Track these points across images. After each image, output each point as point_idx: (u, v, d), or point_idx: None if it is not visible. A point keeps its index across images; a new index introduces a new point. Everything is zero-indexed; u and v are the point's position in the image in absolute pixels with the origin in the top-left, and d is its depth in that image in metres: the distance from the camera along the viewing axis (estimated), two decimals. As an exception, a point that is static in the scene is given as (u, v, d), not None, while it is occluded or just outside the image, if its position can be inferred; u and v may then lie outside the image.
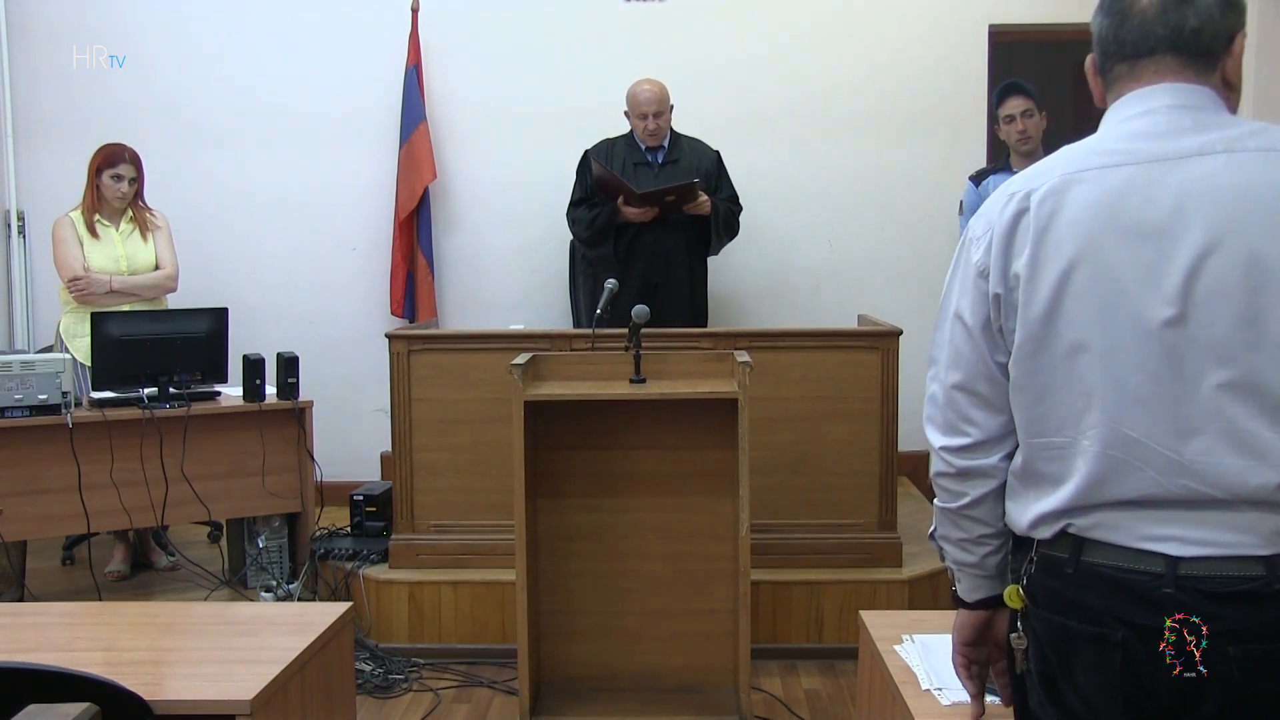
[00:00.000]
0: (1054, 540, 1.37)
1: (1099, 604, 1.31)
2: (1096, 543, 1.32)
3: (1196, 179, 1.29)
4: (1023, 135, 3.95)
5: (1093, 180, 1.34)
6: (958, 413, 1.46)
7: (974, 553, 1.52)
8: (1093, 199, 1.33)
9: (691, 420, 3.24)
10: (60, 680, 1.54)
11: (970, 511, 1.49)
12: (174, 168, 4.94)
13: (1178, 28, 1.35)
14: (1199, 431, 1.27)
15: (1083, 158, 1.37)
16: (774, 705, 3.32)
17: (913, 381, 4.49)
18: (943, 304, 1.51)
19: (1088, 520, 1.33)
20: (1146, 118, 1.36)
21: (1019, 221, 1.37)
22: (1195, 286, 1.27)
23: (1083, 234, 1.32)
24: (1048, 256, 1.34)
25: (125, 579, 4.23)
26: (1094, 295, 1.31)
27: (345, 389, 5.02)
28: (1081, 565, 1.33)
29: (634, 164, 4.39)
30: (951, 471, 1.48)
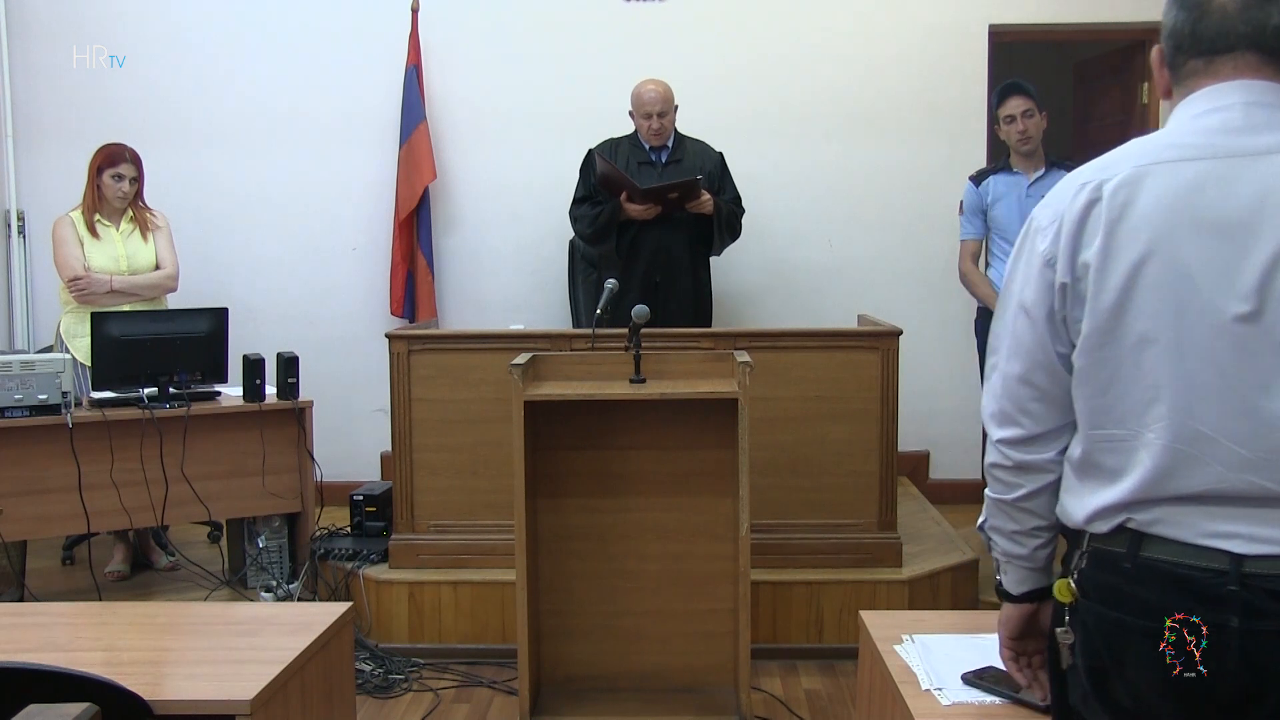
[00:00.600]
0: (1111, 534, 1.35)
1: (1157, 599, 1.29)
2: (1157, 538, 1.31)
3: (1276, 175, 1.28)
4: (1023, 135, 3.95)
5: (1167, 173, 1.32)
6: (1016, 404, 1.45)
7: (1025, 545, 1.51)
8: (1167, 191, 1.31)
9: (691, 420, 3.24)
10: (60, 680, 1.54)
11: (1025, 504, 1.48)
12: (174, 168, 4.94)
13: (1260, 25, 1.34)
14: (1269, 428, 1.26)
15: (1157, 150, 1.36)
16: (774, 705, 3.32)
17: (913, 381, 4.51)
18: (1003, 293, 1.49)
19: (1149, 515, 1.32)
20: (1222, 113, 1.35)
21: (1090, 211, 1.35)
22: (1272, 283, 1.26)
23: (1156, 226, 1.31)
24: (1120, 247, 1.33)
25: (125, 579, 4.23)
26: (1166, 288, 1.30)
27: (345, 389, 5.02)
28: (1140, 560, 1.31)
29: (638, 163, 4.39)
30: (1008, 464, 1.47)
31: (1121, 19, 5.06)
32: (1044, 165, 4.00)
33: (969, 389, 4.70)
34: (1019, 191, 4.01)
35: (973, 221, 4.14)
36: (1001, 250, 4.08)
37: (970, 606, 3.87)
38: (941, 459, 5.18)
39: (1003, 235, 4.06)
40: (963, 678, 1.80)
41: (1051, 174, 3.99)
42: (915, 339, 4.26)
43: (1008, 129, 4.00)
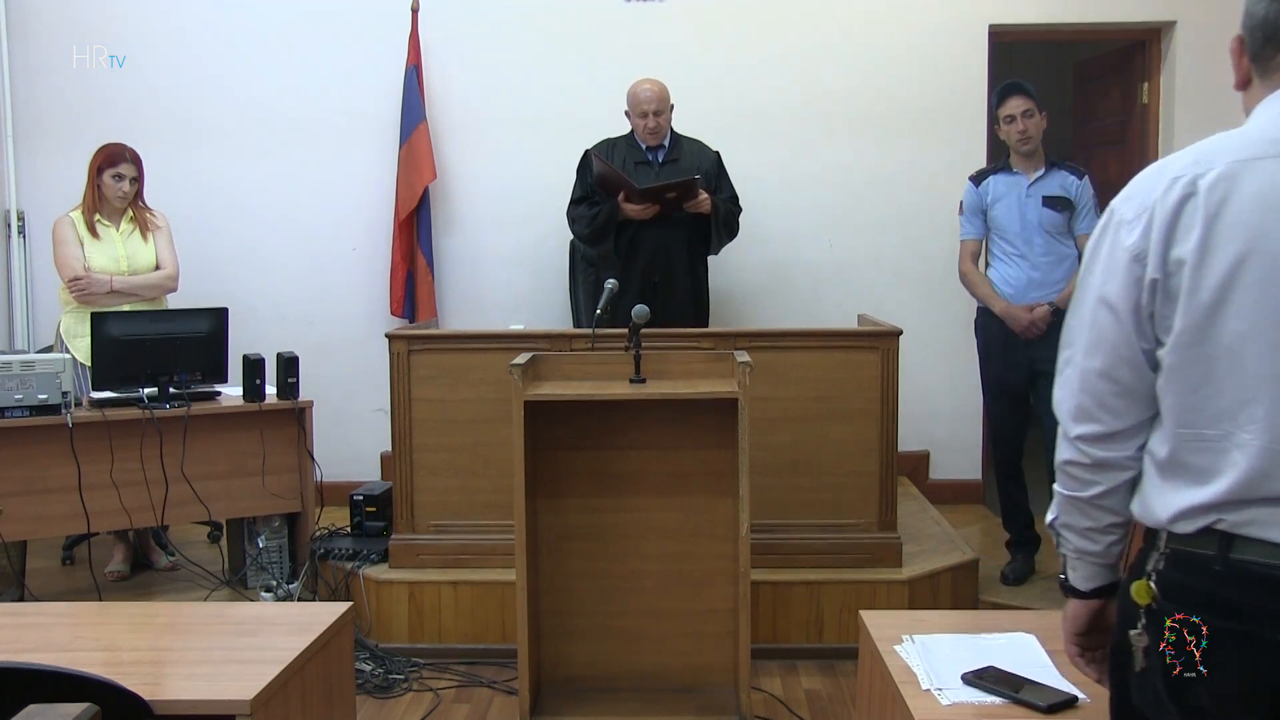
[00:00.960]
0: (1195, 536, 1.33)
1: (1250, 602, 1.27)
2: (1249, 540, 1.28)
3: None
4: (1023, 135, 3.94)
5: (1266, 168, 1.29)
6: (1096, 399, 1.41)
7: (1099, 542, 1.48)
8: (1267, 187, 1.28)
9: (691, 420, 3.24)
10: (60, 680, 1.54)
11: (1101, 501, 1.45)
12: (174, 168, 4.94)
13: None
14: None
15: (1251, 145, 1.33)
16: (774, 705, 3.32)
17: (913, 381, 4.51)
18: (1081, 287, 1.46)
19: (1240, 516, 1.29)
20: None
21: (1185, 205, 1.32)
22: None
23: (1256, 223, 1.28)
24: (1219, 244, 1.29)
25: (125, 579, 4.23)
26: (1267, 287, 1.27)
27: (345, 389, 5.02)
28: (1231, 562, 1.29)
29: (635, 163, 4.39)
30: (1086, 461, 1.44)
31: (1121, 19, 5.06)
32: (1044, 165, 4.00)
33: (969, 389, 4.71)
34: (1019, 192, 4.00)
35: (973, 221, 4.14)
36: (1001, 250, 4.08)
37: (970, 606, 3.88)
38: (941, 459, 5.18)
39: (1002, 235, 4.06)
40: (963, 677, 1.80)
41: (1051, 174, 3.99)
42: (915, 339, 4.27)
43: (1008, 129, 3.99)
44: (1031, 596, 3.92)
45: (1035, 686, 1.76)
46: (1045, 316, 3.92)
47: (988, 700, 1.74)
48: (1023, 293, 3.99)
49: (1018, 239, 4.00)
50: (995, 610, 3.69)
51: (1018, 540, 4.16)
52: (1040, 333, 3.92)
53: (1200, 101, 4.90)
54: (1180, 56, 5.01)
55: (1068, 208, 3.95)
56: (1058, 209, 3.95)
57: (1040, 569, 4.13)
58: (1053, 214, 3.95)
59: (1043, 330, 3.92)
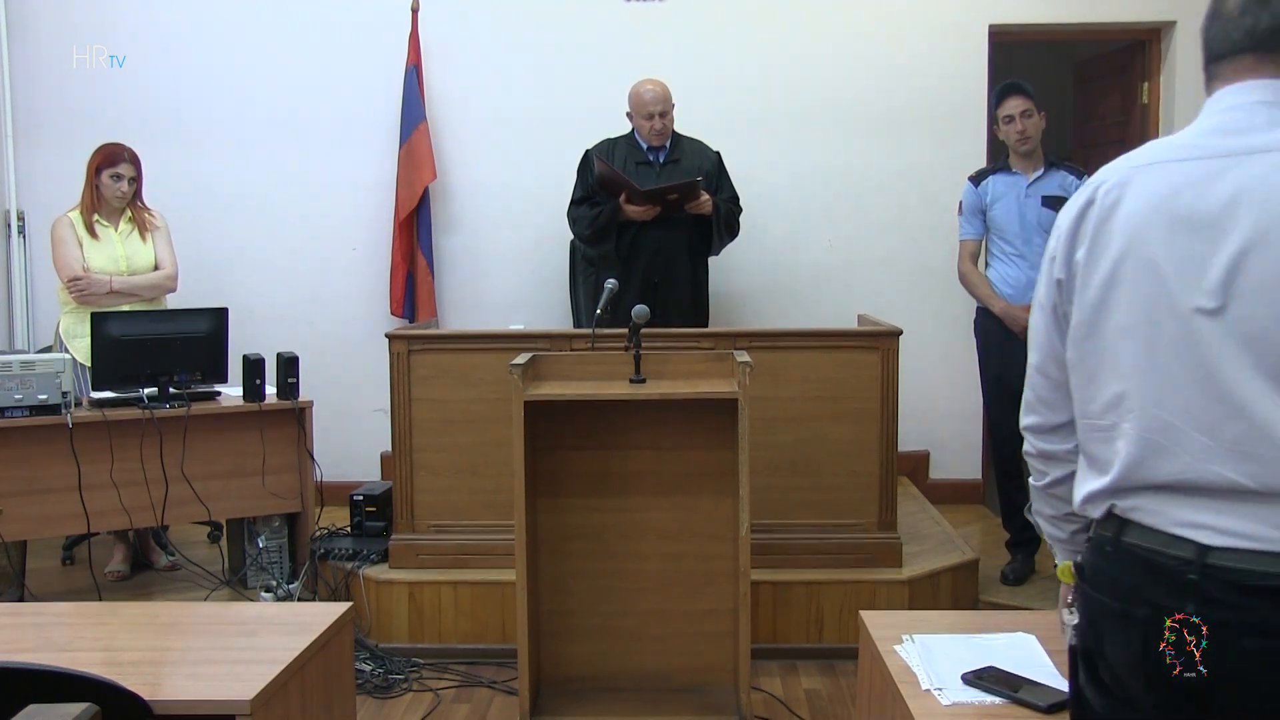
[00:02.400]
0: (1103, 520, 1.42)
1: (1129, 582, 1.34)
2: (1135, 524, 1.36)
3: (1257, 175, 1.31)
4: (1022, 135, 3.95)
5: (1156, 174, 1.38)
6: (1035, 394, 1.54)
7: (1063, 529, 1.60)
8: (1150, 192, 1.37)
9: (691, 420, 3.24)
10: (60, 680, 1.54)
11: (1054, 490, 1.57)
12: (174, 168, 4.94)
13: (1251, 30, 1.39)
14: (1233, 421, 1.29)
15: (1155, 152, 1.42)
16: (774, 705, 3.32)
17: (913, 381, 4.51)
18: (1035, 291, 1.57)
19: (1128, 502, 1.37)
20: (1226, 114, 1.40)
21: (1086, 212, 1.43)
22: (1236, 280, 1.29)
23: (1136, 224, 1.37)
24: (1104, 245, 1.39)
25: (125, 579, 4.23)
26: (1140, 283, 1.36)
27: (345, 389, 5.02)
28: (1120, 545, 1.37)
29: (636, 164, 4.39)
30: (1033, 452, 1.57)
31: (1121, 19, 5.06)
32: (1043, 165, 4.00)
33: (969, 389, 4.70)
34: (1018, 192, 4.00)
35: (972, 222, 4.14)
36: (1000, 250, 4.08)
37: (970, 606, 3.88)
38: (941, 459, 5.18)
39: (1001, 235, 4.06)
40: (963, 677, 1.80)
41: (1050, 174, 3.99)
42: (915, 339, 4.27)
43: (1006, 129, 4.00)
44: (1031, 596, 3.92)
45: (1035, 686, 1.76)
46: (1045, 316, 3.91)
47: (988, 700, 1.74)
48: (1022, 293, 3.98)
49: (1017, 239, 4.00)
50: (995, 610, 3.69)
51: (1017, 540, 4.16)
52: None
53: (1200, 101, 4.86)
54: (1180, 56, 5.01)
55: (1067, 208, 3.95)
56: (1056, 209, 3.93)
57: (1040, 569, 4.13)
58: (1052, 214, 3.95)
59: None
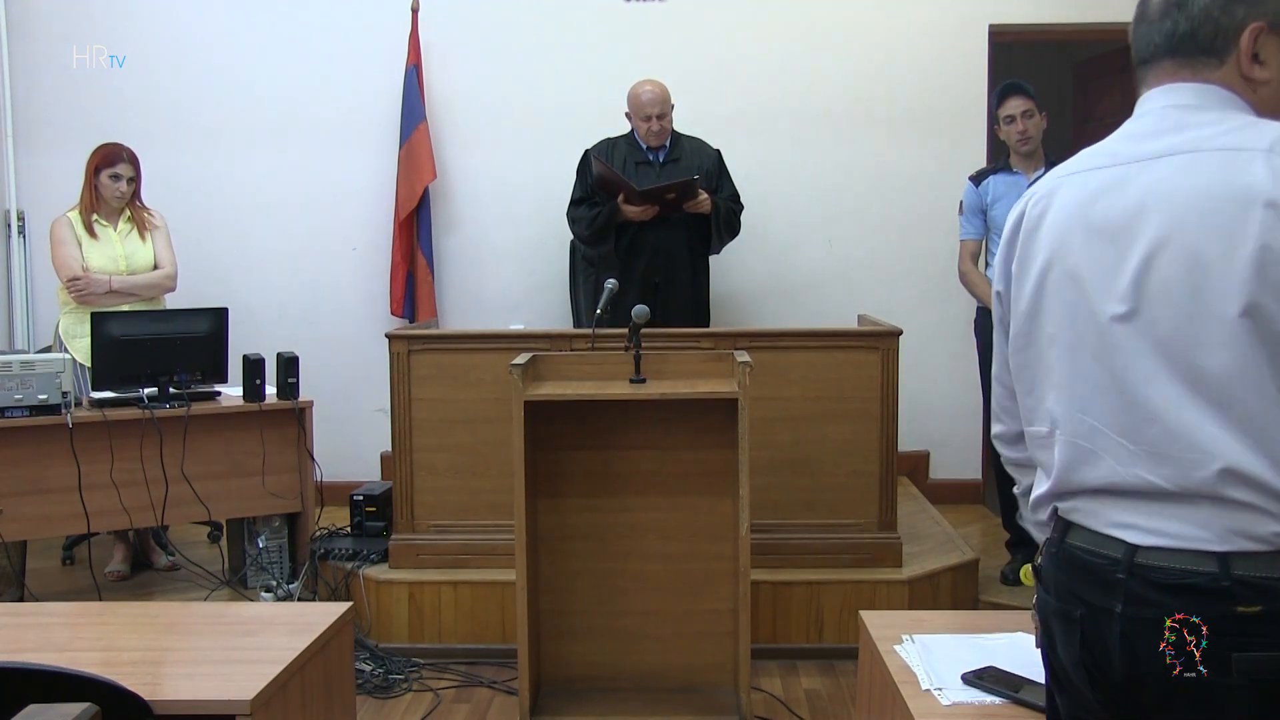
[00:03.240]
0: (1050, 522, 1.44)
1: (1068, 582, 1.37)
2: (1075, 525, 1.38)
3: (1159, 179, 1.32)
4: (1023, 136, 3.95)
5: (1077, 183, 1.40)
6: (998, 403, 1.57)
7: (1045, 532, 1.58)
8: (1071, 201, 1.39)
9: (691, 420, 3.24)
10: (60, 680, 1.54)
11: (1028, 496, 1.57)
12: (174, 168, 4.95)
13: (1170, 33, 1.42)
14: (1149, 424, 1.31)
15: (1080, 160, 1.43)
16: (774, 705, 3.32)
17: (913, 381, 4.51)
18: None
19: (1068, 504, 1.39)
20: (1140, 120, 1.41)
21: (1018, 225, 1.46)
22: (1145, 284, 1.30)
23: (1057, 234, 1.39)
24: (1031, 256, 1.42)
25: (125, 579, 4.23)
26: (1062, 293, 1.38)
27: (345, 389, 5.02)
28: (1063, 546, 1.39)
29: (635, 163, 4.39)
30: (1004, 460, 1.61)
31: (1121, 19, 4.99)
32: (1044, 165, 4.00)
33: (969, 389, 4.70)
34: (1019, 192, 3.99)
35: (972, 221, 4.14)
36: (1001, 250, 4.08)
37: (970, 606, 3.87)
38: (941, 459, 5.18)
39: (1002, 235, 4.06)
40: (963, 677, 1.80)
41: (1051, 174, 3.98)
42: (915, 339, 4.26)
43: (1007, 129, 3.99)
44: (1031, 596, 3.90)
45: (1035, 686, 1.76)
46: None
47: (988, 700, 1.74)
48: (1023, 293, 3.98)
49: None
50: (995, 610, 3.68)
51: (1017, 540, 4.16)
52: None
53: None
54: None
55: (1068, 208, 3.95)
56: (1058, 209, 3.95)
57: (1040, 569, 4.12)
58: None
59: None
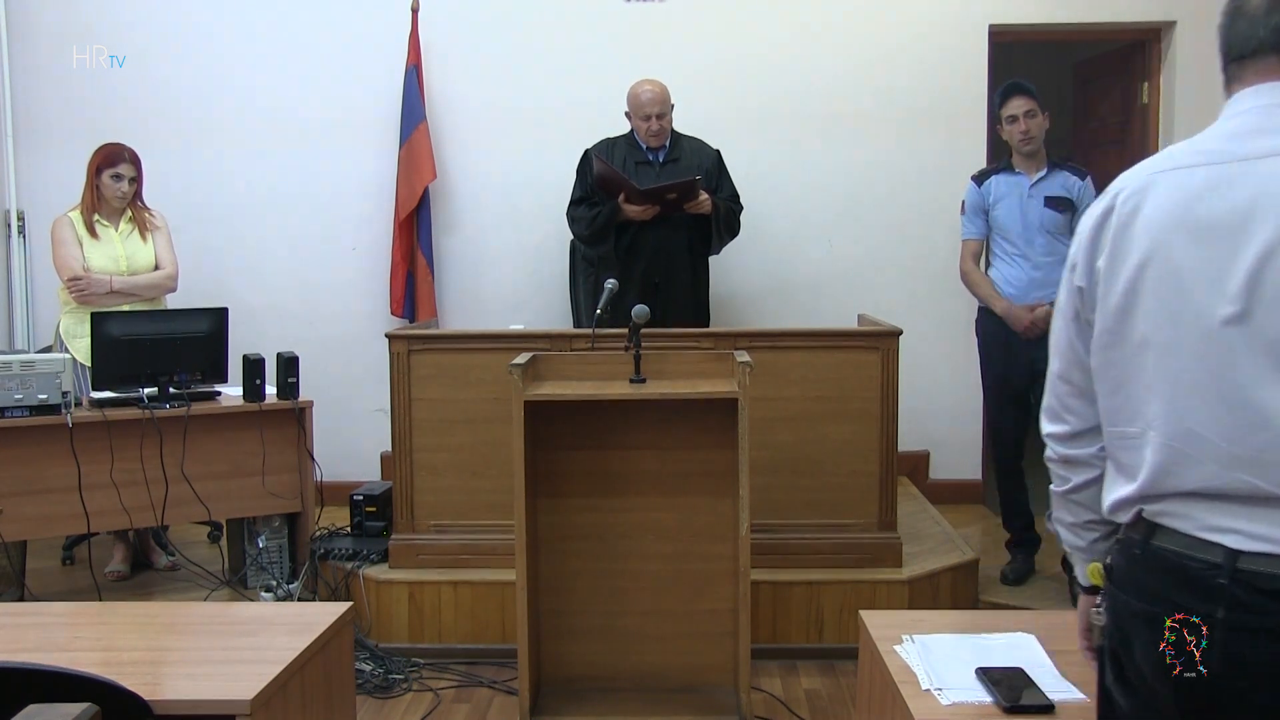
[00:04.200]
0: (1132, 523, 1.41)
1: (1157, 586, 1.34)
2: (1164, 528, 1.36)
3: (1270, 179, 1.30)
4: (1025, 135, 3.94)
5: (1174, 180, 1.37)
6: (1060, 401, 1.54)
7: (1083, 537, 1.58)
8: (1169, 198, 1.36)
9: (691, 420, 3.24)
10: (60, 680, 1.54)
11: (1075, 496, 1.55)
12: (174, 168, 4.95)
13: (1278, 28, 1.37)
14: (1259, 428, 1.28)
15: (1173, 157, 1.41)
16: (774, 705, 3.32)
17: (913, 381, 4.51)
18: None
19: (1157, 507, 1.37)
20: (1240, 118, 1.38)
21: (1106, 219, 1.42)
22: (1258, 286, 1.28)
23: (1156, 232, 1.36)
24: (1125, 253, 1.39)
25: (125, 579, 4.23)
26: (1162, 291, 1.35)
27: (345, 389, 5.02)
28: (1149, 548, 1.36)
29: (635, 163, 4.39)
30: (1055, 458, 1.56)
31: (1121, 19, 5.06)
32: (1046, 165, 4.00)
33: (969, 389, 4.71)
34: (1020, 191, 4.00)
35: (974, 221, 4.14)
36: (1003, 250, 4.08)
37: (970, 606, 3.88)
38: (941, 459, 5.18)
39: (1004, 235, 4.06)
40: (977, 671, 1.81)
41: (1054, 175, 3.98)
42: (915, 339, 4.26)
43: (1010, 129, 3.99)
44: (1031, 596, 3.92)
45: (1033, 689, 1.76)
46: (1046, 316, 3.92)
47: (988, 700, 1.74)
48: (1024, 293, 3.99)
49: (1019, 239, 4.00)
50: (995, 610, 3.69)
51: (1018, 540, 4.16)
52: (1041, 332, 3.92)
53: (1200, 101, 4.89)
54: (1180, 56, 5.01)
55: (1069, 208, 3.95)
56: (1059, 209, 3.95)
57: (1040, 569, 4.13)
58: (1054, 214, 3.95)
59: (1044, 330, 3.92)
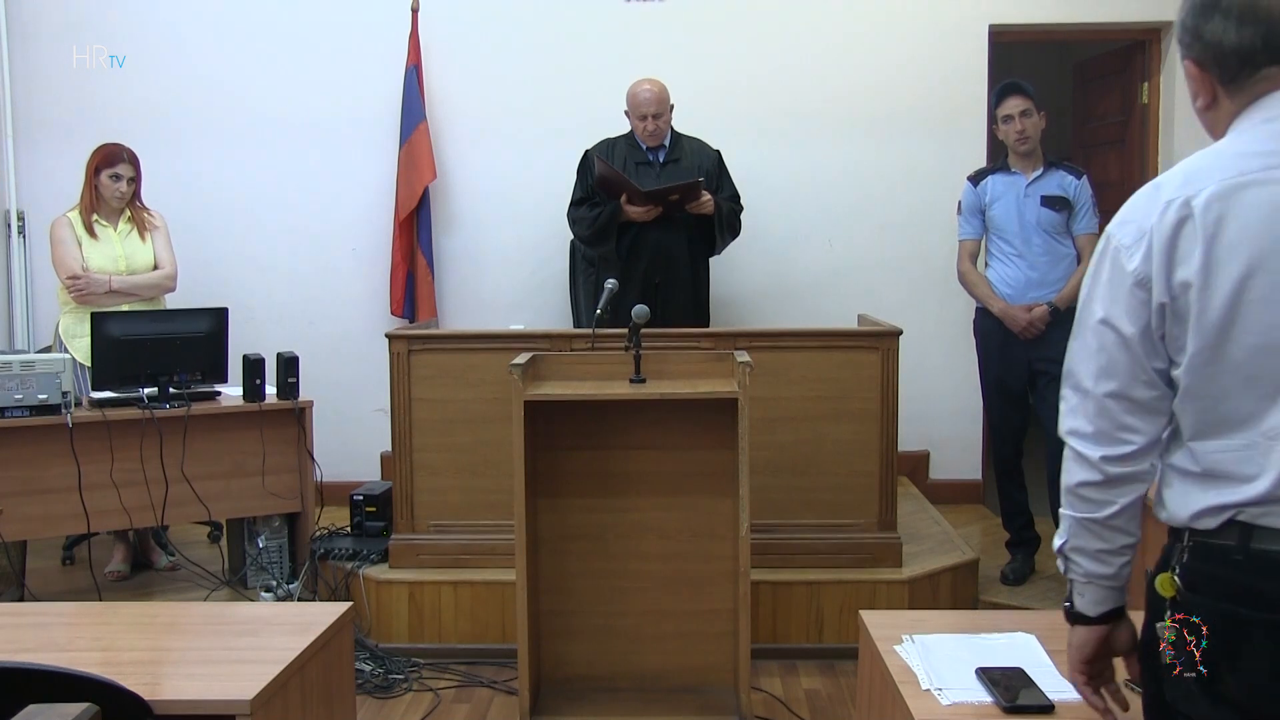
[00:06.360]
0: (1218, 529, 1.36)
1: (1273, 589, 1.29)
2: (1267, 529, 1.31)
3: None
4: (1021, 135, 3.95)
5: (1259, 183, 1.33)
6: (1114, 421, 1.44)
7: (1111, 564, 1.49)
8: (1263, 203, 1.32)
9: (691, 420, 3.24)
10: (60, 680, 1.54)
11: (1115, 521, 1.47)
12: (174, 168, 4.95)
13: None
14: None
15: (1239, 160, 1.36)
16: (774, 705, 3.32)
17: (913, 381, 4.51)
18: (1082, 313, 1.48)
19: (1259, 509, 1.33)
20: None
21: (1182, 228, 1.35)
22: None
23: (1256, 240, 1.32)
24: (1221, 263, 1.33)
25: (125, 579, 4.23)
26: (1275, 300, 1.31)
27: (345, 389, 5.02)
28: (1251, 551, 1.32)
29: (635, 164, 4.39)
30: (1101, 480, 1.45)
31: (1121, 19, 5.06)
32: (1042, 165, 4.00)
33: (969, 389, 4.70)
34: (1017, 191, 4.00)
35: (971, 222, 4.14)
36: (1000, 250, 4.08)
37: (970, 606, 3.88)
38: (941, 459, 5.18)
39: (1001, 235, 4.06)
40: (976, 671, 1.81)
41: (1050, 174, 3.99)
42: (915, 339, 4.26)
43: (1006, 129, 4.00)
44: (1031, 596, 3.92)
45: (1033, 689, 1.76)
46: (1044, 316, 3.92)
47: (988, 700, 1.74)
48: (1021, 293, 3.99)
49: (1016, 239, 4.00)
50: (995, 610, 3.69)
51: (1018, 540, 4.16)
52: (1039, 332, 3.93)
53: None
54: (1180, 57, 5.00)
55: (1066, 207, 3.95)
56: (1056, 209, 3.95)
57: (1040, 569, 4.13)
58: (1051, 214, 3.95)
59: (1041, 330, 3.92)
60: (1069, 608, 1.55)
